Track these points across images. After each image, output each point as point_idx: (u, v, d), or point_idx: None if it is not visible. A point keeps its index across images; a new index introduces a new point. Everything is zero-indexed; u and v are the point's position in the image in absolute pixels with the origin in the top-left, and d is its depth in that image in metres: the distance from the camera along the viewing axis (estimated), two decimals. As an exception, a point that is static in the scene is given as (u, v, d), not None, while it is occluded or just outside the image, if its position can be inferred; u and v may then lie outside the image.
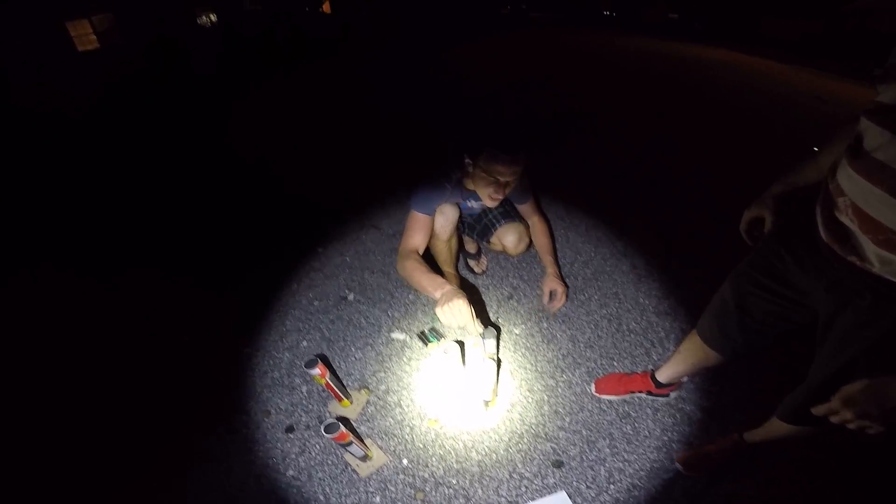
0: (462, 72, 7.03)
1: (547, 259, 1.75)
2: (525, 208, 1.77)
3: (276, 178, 3.20)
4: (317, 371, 1.30)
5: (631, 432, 1.37)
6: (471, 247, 2.01)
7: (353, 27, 14.39)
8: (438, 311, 1.12)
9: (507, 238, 1.73)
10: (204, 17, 20.12)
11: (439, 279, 1.22)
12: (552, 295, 1.73)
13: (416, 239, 1.42)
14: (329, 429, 1.15)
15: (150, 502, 1.28)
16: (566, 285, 1.77)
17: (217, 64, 8.55)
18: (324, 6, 23.19)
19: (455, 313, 1.11)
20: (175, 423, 1.48)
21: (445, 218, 1.52)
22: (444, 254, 1.67)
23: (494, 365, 1.32)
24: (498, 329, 1.74)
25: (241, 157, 3.57)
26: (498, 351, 1.61)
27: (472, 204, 1.65)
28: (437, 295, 1.17)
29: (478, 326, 1.14)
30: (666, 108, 4.84)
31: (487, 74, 6.66)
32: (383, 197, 2.74)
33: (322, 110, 4.82)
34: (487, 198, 1.43)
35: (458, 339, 1.66)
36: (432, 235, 1.55)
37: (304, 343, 1.73)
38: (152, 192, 3.10)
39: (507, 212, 1.76)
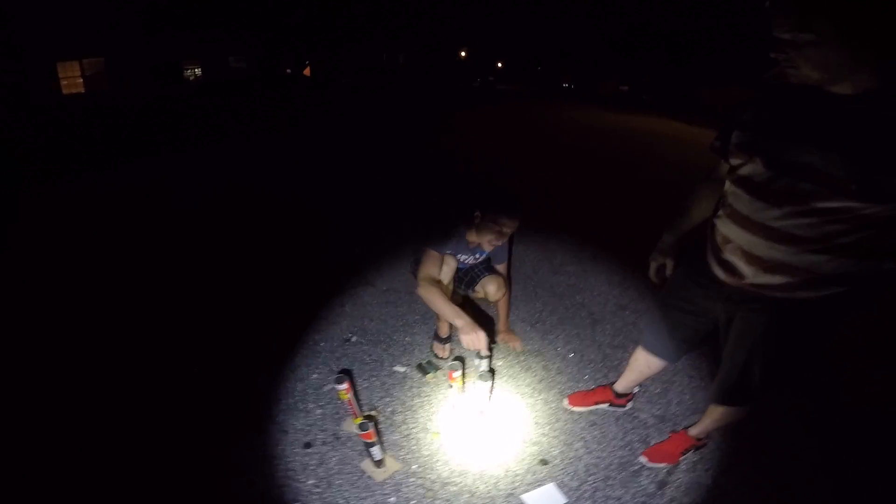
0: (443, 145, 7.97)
1: (501, 318, 2.24)
2: (500, 268, 2.21)
3: (288, 242, 3.49)
4: (344, 386, 1.55)
5: (599, 435, 1.68)
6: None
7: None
8: (463, 336, 1.57)
9: (489, 287, 2.11)
10: (189, 71, 20.87)
11: (458, 309, 1.62)
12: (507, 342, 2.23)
13: (434, 270, 1.76)
14: (361, 427, 1.39)
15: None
16: (514, 334, 2.26)
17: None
18: (304, 70, 24.81)
19: (475, 340, 1.56)
20: (191, 441, 1.62)
21: (449, 267, 1.89)
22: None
23: (491, 379, 1.63)
24: (491, 351, 2.04)
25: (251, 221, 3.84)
26: (489, 367, 1.90)
27: (465, 258, 2.06)
28: (460, 323, 1.58)
29: (486, 350, 1.56)
30: (616, 182, 5.72)
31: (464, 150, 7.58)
32: (376, 258, 3.08)
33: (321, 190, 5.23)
34: (487, 243, 1.84)
35: (458, 356, 1.95)
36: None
37: (315, 376, 1.94)
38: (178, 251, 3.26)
39: (490, 267, 2.18)
